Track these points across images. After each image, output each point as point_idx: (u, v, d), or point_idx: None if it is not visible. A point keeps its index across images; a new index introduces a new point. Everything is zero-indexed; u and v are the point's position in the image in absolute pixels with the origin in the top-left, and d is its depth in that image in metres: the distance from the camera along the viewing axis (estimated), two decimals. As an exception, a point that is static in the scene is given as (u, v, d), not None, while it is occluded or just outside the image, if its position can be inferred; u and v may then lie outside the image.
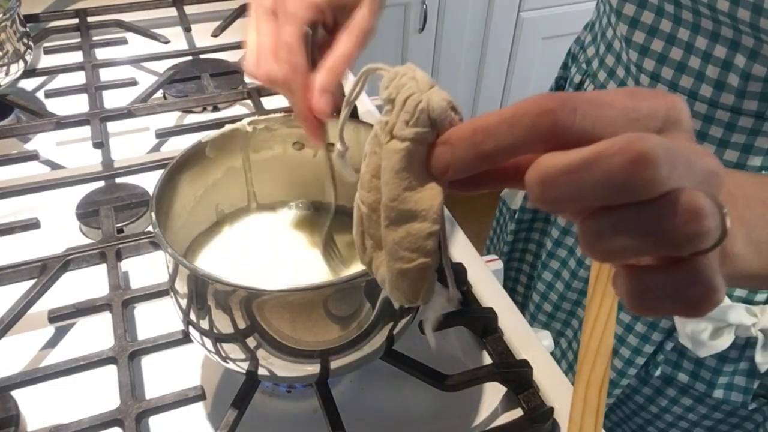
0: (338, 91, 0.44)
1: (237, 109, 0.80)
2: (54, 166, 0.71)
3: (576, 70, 0.71)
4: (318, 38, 0.45)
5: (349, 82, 0.81)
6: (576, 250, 0.72)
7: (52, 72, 0.81)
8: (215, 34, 0.88)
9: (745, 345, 0.62)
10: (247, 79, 0.82)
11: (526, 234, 0.84)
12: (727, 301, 0.60)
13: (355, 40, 0.45)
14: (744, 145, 0.56)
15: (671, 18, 0.55)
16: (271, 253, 0.50)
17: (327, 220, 0.50)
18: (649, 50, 0.57)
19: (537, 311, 0.80)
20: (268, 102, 0.76)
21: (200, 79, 0.81)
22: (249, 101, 0.77)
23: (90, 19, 0.90)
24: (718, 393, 0.65)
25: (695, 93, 0.55)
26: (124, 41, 0.87)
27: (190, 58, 0.85)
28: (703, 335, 0.60)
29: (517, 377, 0.50)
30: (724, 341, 0.60)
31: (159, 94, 0.79)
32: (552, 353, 0.58)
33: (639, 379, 0.70)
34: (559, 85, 0.79)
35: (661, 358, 0.66)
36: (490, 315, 0.54)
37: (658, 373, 0.67)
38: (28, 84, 0.82)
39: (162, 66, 0.84)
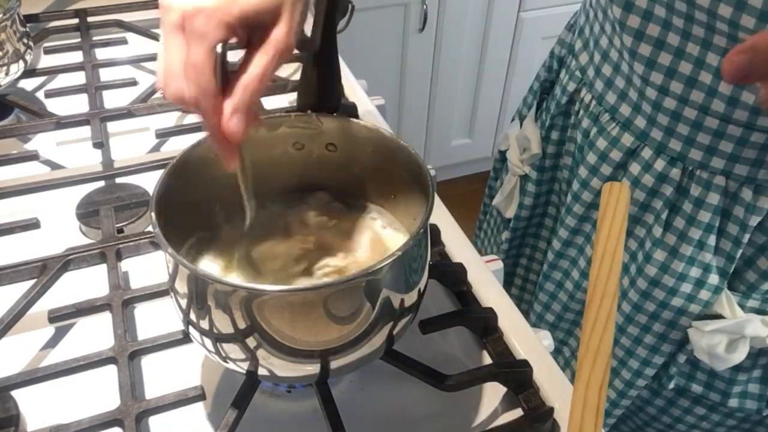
0: (252, 110, 0.42)
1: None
2: (54, 166, 0.71)
3: (569, 77, 0.69)
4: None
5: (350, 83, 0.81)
6: (579, 261, 0.72)
7: (52, 72, 0.81)
8: (215, 34, 0.88)
9: (758, 354, 0.62)
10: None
11: (520, 240, 0.84)
12: (741, 314, 0.59)
13: (268, 59, 0.42)
14: (755, 160, 0.54)
15: (679, 32, 0.53)
16: (271, 252, 0.50)
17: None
18: (657, 63, 0.56)
19: (539, 321, 0.80)
20: (268, 102, 0.76)
21: (200, 79, 0.81)
22: (249, 101, 0.77)
23: (90, 19, 0.90)
24: (733, 402, 0.65)
25: (707, 108, 0.54)
26: (124, 41, 0.87)
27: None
28: (718, 348, 0.60)
29: (517, 377, 0.50)
30: (740, 354, 0.60)
31: (159, 94, 0.79)
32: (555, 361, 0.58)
33: (651, 391, 0.69)
34: (544, 87, 0.77)
35: (674, 371, 0.66)
36: (490, 315, 0.54)
37: (671, 385, 0.67)
38: (28, 84, 0.82)
39: (162, 66, 0.84)
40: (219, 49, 0.41)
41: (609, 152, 0.63)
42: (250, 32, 0.43)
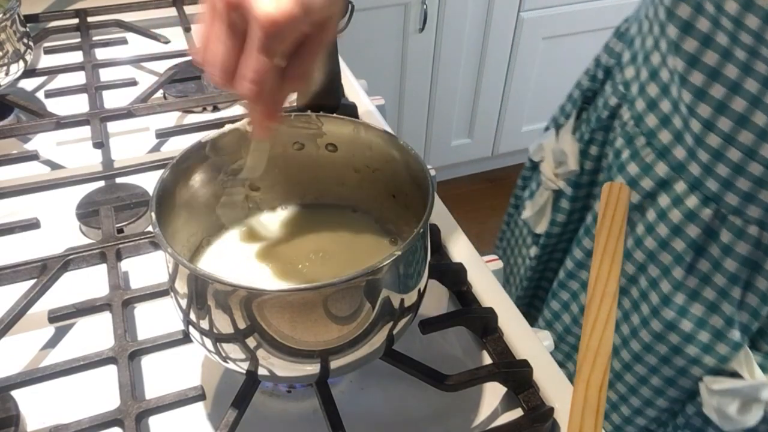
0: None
1: (237, 109, 0.80)
2: (54, 166, 0.71)
3: (611, 91, 0.64)
4: None
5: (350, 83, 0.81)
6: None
7: (52, 72, 0.81)
8: (215, 34, 0.87)
9: None
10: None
11: (549, 256, 0.79)
12: (761, 376, 0.56)
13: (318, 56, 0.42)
14: None
15: (740, 65, 0.48)
16: (271, 252, 0.50)
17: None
18: (707, 95, 0.51)
19: None
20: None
21: (200, 79, 0.81)
22: (249, 101, 0.77)
23: (90, 19, 0.90)
24: None
25: (754, 152, 0.50)
26: (124, 41, 0.87)
27: (190, 58, 0.85)
28: (729, 409, 0.57)
29: (517, 377, 0.50)
30: (753, 417, 0.57)
31: (159, 94, 0.79)
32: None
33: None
34: (586, 97, 0.71)
35: (681, 422, 0.62)
36: (490, 315, 0.54)
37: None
38: (28, 84, 0.82)
39: (162, 66, 0.84)
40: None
41: (640, 179, 0.59)
42: None
